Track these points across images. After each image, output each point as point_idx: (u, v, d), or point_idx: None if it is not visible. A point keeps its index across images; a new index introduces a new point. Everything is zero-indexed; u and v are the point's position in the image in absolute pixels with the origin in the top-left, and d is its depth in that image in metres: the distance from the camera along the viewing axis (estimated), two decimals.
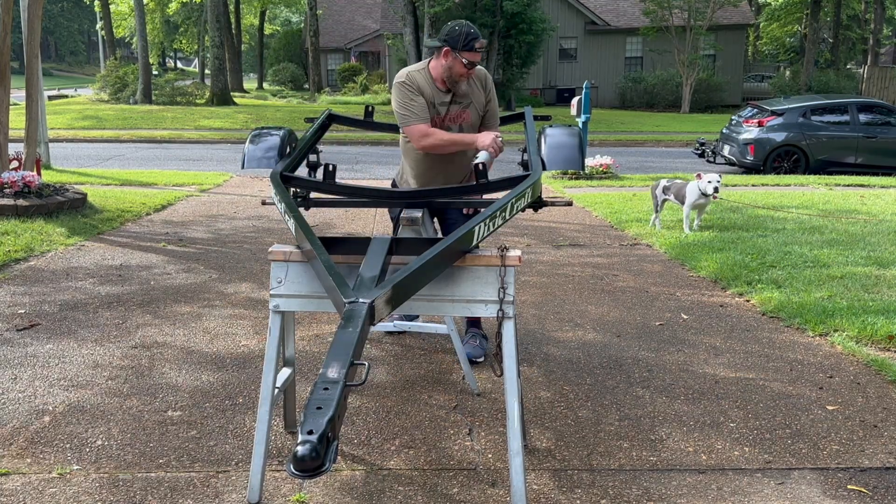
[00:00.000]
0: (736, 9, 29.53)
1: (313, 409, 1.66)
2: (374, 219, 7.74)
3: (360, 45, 39.70)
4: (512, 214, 2.93)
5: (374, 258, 2.37)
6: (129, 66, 29.47)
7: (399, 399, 3.37)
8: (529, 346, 4.06)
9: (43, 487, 2.57)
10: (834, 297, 4.88)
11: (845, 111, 13.24)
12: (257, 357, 3.82)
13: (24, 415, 3.12)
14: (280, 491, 2.58)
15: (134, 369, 3.65)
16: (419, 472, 2.73)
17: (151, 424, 3.06)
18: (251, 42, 51.18)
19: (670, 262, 6.05)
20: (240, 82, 37.29)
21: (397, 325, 3.76)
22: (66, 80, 54.85)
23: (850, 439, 3.02)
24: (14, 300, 4.69)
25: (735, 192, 9.71)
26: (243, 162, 3.47)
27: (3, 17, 7.29)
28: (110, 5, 36.31)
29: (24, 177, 7.18)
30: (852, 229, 7.19)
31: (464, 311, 2.51)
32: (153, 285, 5.12)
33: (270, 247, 2.56)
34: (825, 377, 3.68)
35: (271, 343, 2.52)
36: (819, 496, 2.60)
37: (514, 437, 2.45)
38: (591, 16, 31.02)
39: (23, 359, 3.74)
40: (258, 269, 5.60)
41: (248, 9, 43.73)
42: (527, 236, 6.97)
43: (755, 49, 44.99)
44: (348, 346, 1.87)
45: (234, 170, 11.96)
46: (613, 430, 3.09)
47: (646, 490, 2.63)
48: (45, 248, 5.99)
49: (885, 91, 28.53)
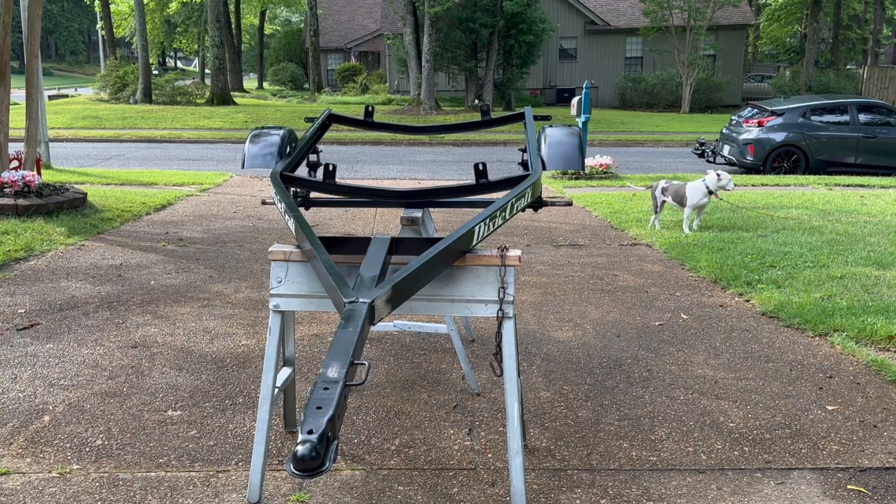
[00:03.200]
0: (736, 9, 29.52)
1: (313, 408, 1.66)
2: (374, 219, 7.74)
3: (360, 44, 39.71)
4: (512, 214, 2.93)
5: (374, 258, 2.36)
6: (129, 65, 29.46)
7: (399, 399, 3.37)
8: (529, 346, 4.06)
9: (43, 487, 2.57)
10: (834, 297, 4.88)
11: (845, 111, 13.24)
12: (257, 357, 3.82)
13: (23, 414, 3.12)
14: (280, 491, 2.58)
15: (134, 369, 3.65)
16: (419, 472, 2.73)
17: (151, 424, 3.06)
18: (251, 42, 51.17)
19: (670, 263, 6.05)
20: (240, 82, 37.28)
21: (397, 325, 3.76)
22: (67, 79, 54.85)
23: (850, 439, 3.02)
24: (14, 300, 4.69)
25: (735, 192, 9.71)
26: (243, 162, 3.47)
27: (3, 16, 7.29)
28: (110, 5, 36.29)
29: (25, 176, 7.18)
30: (852, 229, 7.19)
31: (464, 311, 2.51)
32: (153, 285, 5.12)
33: (270, 247, 2.56)
34: (825, 377, 3.68)
35: (271, 343, 2.52)
36: (819, 496, 2.60)
37: (514, 437, 2.45)
38: (591, 16, 31.02)
39: (23, 358, 3.74)
40: (258, 268, 5.60)
41: (248, 8, 43.72)
42: (527, 236, 6.97)
43: (755, 49, 44.99)
44: (348, 345, 1.88)
45: (234, 169, 11.95)
46: (613, 430, 3.09)
47: (646, 490, 2.63)
48: (45, 248, 5.99)
49: (885, 91, 28.52)
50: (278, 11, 53.59)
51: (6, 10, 7.31)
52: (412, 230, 3.19)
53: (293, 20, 56.80)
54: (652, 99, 29.59)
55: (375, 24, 37.92)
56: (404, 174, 12.24)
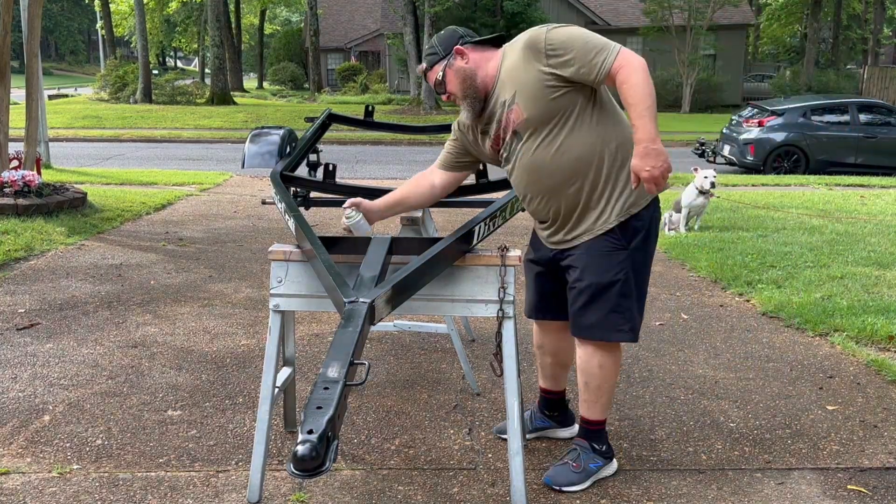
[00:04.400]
0: (736, 9, 29.52)
1: (313, 408, 1.66)
2: None
3: (360, 44, 39.72)
4: (512, 214, 2.94)
5: (374, 258, 2.36)
6: (129, 65, 29.46)
7: (399, 399, 3.37)
8: (529, 346, 4.06)
9: (43, 487, 2.57)
10: (834, 297, 4.88)
11: (845, 111, 13.24)
12: (257, 356, 3.82)
13: (23, 414, 3.12)
14: (280, 490, 2.58)
15: (134, 369, 3.65)
16: (419, 472, 2.73)
17: (151, 424, 3.06)
18: (251, 41, 51.18)
19: (670, 262, 6.05)
20: (240, 82, 37.28)
21: (397, 325, 3.76)
22: (66, 79, 54.84)
23: (850, 439, 3.02)
24: (14, 300, 4.69)
25: (735, 192, 9.71)
26: (243, 161, 3.47)
27: (3, 16, 7.29)
28: (110, 4, 36.31)
29: (24, 176, 7.18)
30: (852, 229, 7.19)
31: (464, 310, 2.51)
32: (153, 285, 5.12)
33: (270, 246, 2.55)
34: (825, 377, 3.68)
35: (271, 342, 2.52)
36: (819, 496, 2.60)
37: (514, 437, 2.45)
38: (591, 15, 31.03)
39: (23, 358, 3.74)
40: (258, 268, 5.60)
41: (248, 8, 43.73)
42: (527, 236, 6.96)
43: (755, 49, 44.98)
44: (348, 345, 1.88)
45: (234, 169, 11.95)
46: (613, 430, 3.09)
47: (646, 490, 2.63)
48: (44, 248, 5.99)
49: (885, 91, 28.50)
50: (278, 11, 53.59)
51: (6, 10, 7.31)
52: (412, 230, 3.19)
53: (293, 20, 56.80)
54: None
55: (375, 24, 37.92)
56: (404, 174, 12.23)
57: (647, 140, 2.23)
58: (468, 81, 2.43)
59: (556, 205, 2.47)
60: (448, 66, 2.45)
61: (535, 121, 2.38)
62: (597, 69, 2.28)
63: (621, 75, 2.25)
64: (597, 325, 2.49)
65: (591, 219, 2.45)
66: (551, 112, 2.36)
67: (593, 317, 2.48)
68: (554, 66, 2.31)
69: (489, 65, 2.43)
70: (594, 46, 2.28)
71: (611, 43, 2.31)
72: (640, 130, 2.25)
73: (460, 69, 2.44)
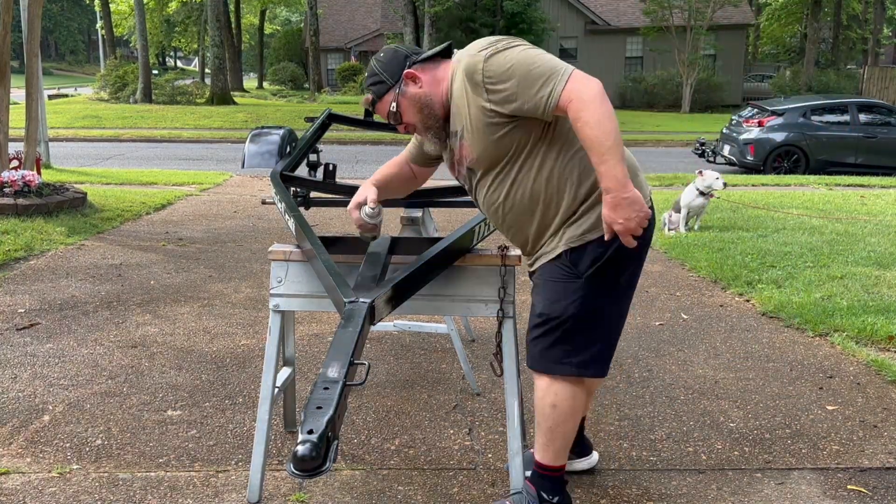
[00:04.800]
0: (736, 9, 29.52)
1: (313, 408, 1.66)
2: None
3: (360, 44, 39.69)
4: None
5: (374, 258, 2.36)
6: (129, 65, 29.45)
7: (399, 399, 3.37)
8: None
9: (42, 487, 2.57)
10: (834, 297, 4.88)
11: (845, 111, 13.24)
12: (257, 356, 3.82)
13: (23, 414, 3.12)
14: (280, 491, 2.58)
15: (133, 369, 3.64)
16: (419, 472, 2.73)
17: (151, 424, 3.06)
18: (251, 41, 51.17)
19: (670, 262, 6.05)
20: (240, 82, 37.28)
21: (397, 325, 3.76)
22: (66, 79, 54.84)
23: (850, 439, 3.02)
24: (14, 300, 4.69)
25: (735, 192, 9.70)
26: (243, 161, 3.47)
27: (3, 16, 7.29)
28: (110, 4, 36.30)
29: (24, 176, 7.18)
30: (852, 229, 7.19)
31: (464, 310, 2.51)
32: (153, 285, 5.12)
33: (270, 246, 2.55)
34: (825, 377, 3.68)
35: (271, 342, 2.52)
36: (819, 496, 2.60)
37: (514, 437, 2.45)
38: (592, 15, 31.02)
39: (22, 358, 3.74)
40: (258, 268, 5.60)
41: (248, 8, 43.71)
42: None
43: (755, 49, 44.98)
44: (348, 345, 1.87)
45: (234, 169, 11.95)
46: (613, 430, 3.09)
47: (646, 490, 2.63)
48: (44, 248, 5.99)
49: (885, 91, 28.50)
50: (278, 11, 53.57)
51: (6, 10, 7.30)
52: (412, 230, 3.20)
53: (293, 20, 56.79)
54: (652, 99, 29.59)
55: (375, 24, 37.91)
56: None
57: (615, 189, 1.97)
58: (426, 110, 2.16)
59: (520, 236, 2.28)
60: (400, 94, 2.16)
61: (485, 161, 2.15)
62: (542, 105, 1.98)
63: (572, 111, 1.95)
64: (539, 356, 2.26)
65: (545, 242, 2.23)
66: (500, 151, 2.10)
67: (538, 346, 2.25)
68: (495, 103, 2.02)
69: (442, 87, 2.16)
70: (538, 77, 1.97)
71: (559, 68, 1.99)
72: (605, 178, 1.97)
73: (415, 96, 2.15)
